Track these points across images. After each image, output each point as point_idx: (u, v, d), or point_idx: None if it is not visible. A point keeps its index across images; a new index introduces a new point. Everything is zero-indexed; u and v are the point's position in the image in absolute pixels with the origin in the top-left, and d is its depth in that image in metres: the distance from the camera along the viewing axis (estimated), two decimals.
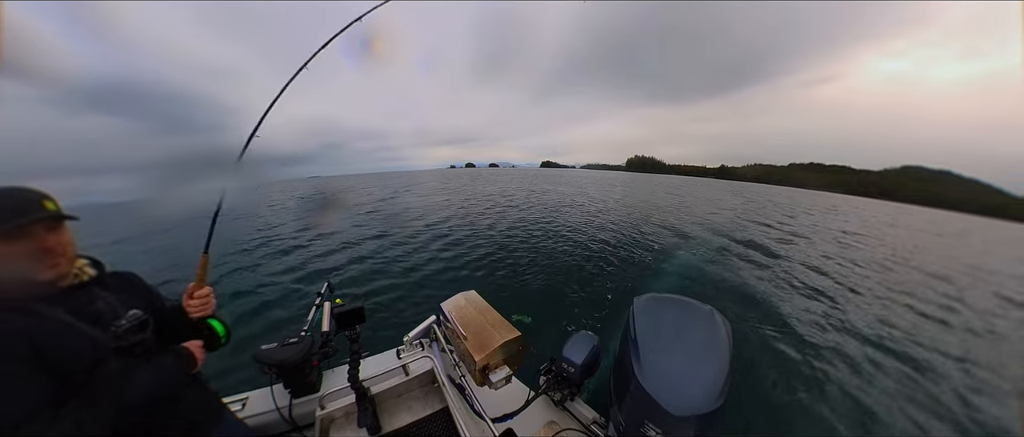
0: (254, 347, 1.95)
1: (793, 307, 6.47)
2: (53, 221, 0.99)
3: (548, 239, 10.79)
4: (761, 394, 3.95)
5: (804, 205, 36.36)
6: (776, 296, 6.98)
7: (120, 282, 1.24)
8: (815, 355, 4.77)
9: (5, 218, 0.90)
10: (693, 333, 1.55)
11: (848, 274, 9.24)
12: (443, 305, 2.14)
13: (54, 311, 0.98)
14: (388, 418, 1.87)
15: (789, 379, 4.22)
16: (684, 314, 1.67)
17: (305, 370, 1.98)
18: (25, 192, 0.96)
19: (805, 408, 3.77)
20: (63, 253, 1.02)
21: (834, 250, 12.36)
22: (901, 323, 6.28)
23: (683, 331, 1.56)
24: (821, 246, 12.88)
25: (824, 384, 4.16)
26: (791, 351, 4.83)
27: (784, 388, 4.06)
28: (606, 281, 7.28)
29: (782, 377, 4.24)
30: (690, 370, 1.38)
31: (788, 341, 5.11)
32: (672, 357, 1.44)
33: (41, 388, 0.89)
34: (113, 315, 1.08)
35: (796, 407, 3.79)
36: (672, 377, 1.36)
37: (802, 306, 6.57)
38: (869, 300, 7.36)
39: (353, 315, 1.65)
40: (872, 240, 15.94)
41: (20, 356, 0.87)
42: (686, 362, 1.42)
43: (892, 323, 6.21)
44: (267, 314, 5.90)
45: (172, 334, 1.25)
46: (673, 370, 1.39)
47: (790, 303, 6.67)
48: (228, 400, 1.97)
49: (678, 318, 1.64)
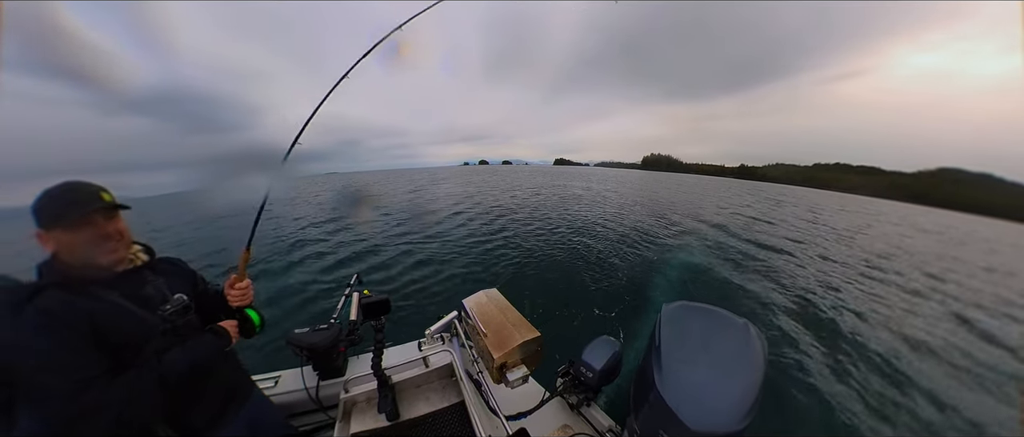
0: (288, 329, 2.09)
1: (874, 342, 5.46)
2: (110, 210, 1.10)
3: (571, 237, 10.66)
4: (795, 421, 3.66)
5: (871, 215, 31.89)
6: (851, 328, 5.90)
7: (168, 266, 1.36)
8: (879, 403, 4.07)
9: (70, 209, 1.02)
10: (722, 345, 1.45)
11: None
12: (465, 301, 2.18)
13: (110, 294, 1.09)
14: (406, 407, 1.93)
15: (834, 414, 3.81)
16: (715, 325, 1.57)
17: (333, 355, 2.08)
18: (85, 185, 1.07)
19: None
20: (120, 239, 1.13)
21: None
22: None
23: (711, 342, 1.47)
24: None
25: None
26: (841, 385, 4.27)
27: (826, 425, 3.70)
28: (627, 284, 7.09)
29: (824, 412, 3.83)
30: (714, 384, 1.30)
31: (842, 375, 4.50)
32: (696, 368, 1.37)
33: (98, 361, 1.00)
34: (161, 298, 1.20)
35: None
36: (694, 389, 1.29)
37: (884, 347, 5.40)
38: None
39: (379, 306, 1.71)
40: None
41: (82, 333, 0.99)
42: (711, 375, 1.33)
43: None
44: (298, 299, 6.24)
45: (212, 316, 1.36)
46: (696, 382, 1.32)
47: (871, 339, 5.59)
48: (263, 376, 2.11)
49: (707, 328, 1.55)
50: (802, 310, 6.46)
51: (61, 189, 1.02)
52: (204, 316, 1.33)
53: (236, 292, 1.37)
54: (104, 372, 1.00)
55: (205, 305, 1.38)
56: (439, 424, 1.81)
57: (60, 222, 1.01)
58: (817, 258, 10.88)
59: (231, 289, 1.37)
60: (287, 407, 2.02)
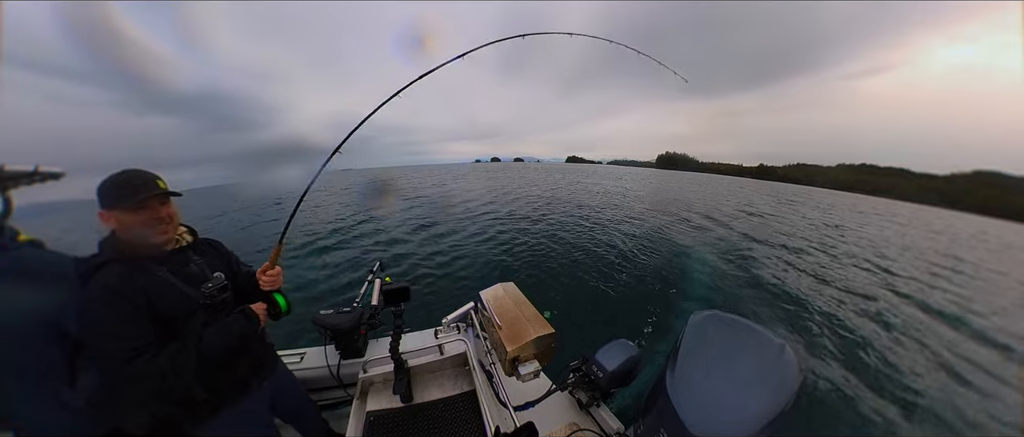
0: (314, 310, 2.21)
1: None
2: (164, 196, 1.22)
3: (593, 235, 10.51)
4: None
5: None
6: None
7: (209, 248, 1.49)
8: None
9: (131, 193, 1.13)
10: (748, 360, 1.37)
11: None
12: (482, 293, 2.21)
13: (160, 270, 1.22)
14: (420, 391, 2.00)
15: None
16: (744, 339, 1.48)
17: (354, 336, 2.18)
18: (144, 173, 1.19)
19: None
20: (171, 222, 1.26)
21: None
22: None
23: (736, 355, 1.40)
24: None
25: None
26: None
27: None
28: (658, 290, 6.77)
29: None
30: (728, 395, 1.25)
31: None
32: (711, 375, 1.32)
33: (149, 331, 1.12)
34: (202, 276, 1.31)
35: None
36: (703, 394, 1.26)
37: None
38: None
39: (399, 293, 1.78)
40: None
41: (138, 304, 1.11)
42: (726, 386, 1.28)
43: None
44: (326, 284, 6.53)
45: (245, 294, 1.48)
46: (707, 388, 1.28)
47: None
48: (290, 352, 2.24)
49: (735, 341, 1.47)
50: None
51: (124, 176, 1.15)
52: (238, 294, 1.45)
53: (268, 278, 1.48)
54: (153, 343, 1.12)
55: (239, 285, 1.50)
56: (450, 410, 1.86)
57: (121, 204, 1.13)
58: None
59: (263, 275, 1.49)
60: (310, 382, 2.14)
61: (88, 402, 1.19)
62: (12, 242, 1.21)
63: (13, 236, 1.23)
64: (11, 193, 1.69)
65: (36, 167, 1.67)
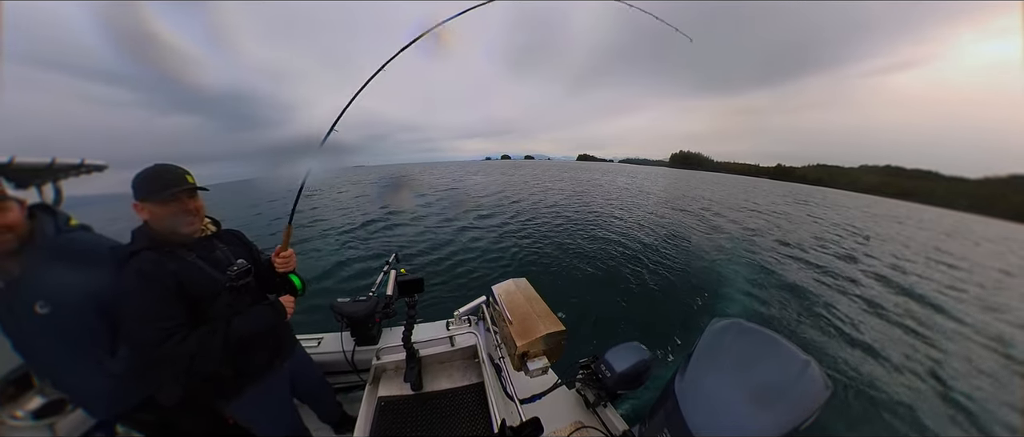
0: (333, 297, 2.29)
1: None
2: (193, 190, 1.30)
3: (609, 235, 10.41)
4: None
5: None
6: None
7: (231, 237, 1.59)
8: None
9: (163, 187, 1.22)
10: (766, 371, 1.31)
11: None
12: (494, 288, 2.24)
13: (190, 256, 1.31)
14: (430, 380, 2.05)
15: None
16: (766, 350, 1.41)
17: (369, 324, 2.25)
18: (175, 168, 1.27)
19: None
20: (198, 213, 1.34)
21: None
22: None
23: (754, 365, 1.34)
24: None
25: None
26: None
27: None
28: (681, 297, 6.54)
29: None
30: (739, 403, 1.21)
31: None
32: (722, 381, 1.29)
33: (180, 313, 1.21)
34: (227, 262, 1.40)
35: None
36: (711, 398, 1.24)
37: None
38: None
39: (414, 284, 1.82)
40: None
41: (170, 288, 1.20)
42: (738, 394, 1.24)
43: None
44: (342, 273, 6.72)
45: (264, 279, 1.58)
46: (717, 393, 1.25)
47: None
48: (308, 336, 2.34)
49: (755, 350, 1.41)
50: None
51: (156, 170, 1.23)
52: (259, 279, 1.54)
53: (281, 260, 1.57)
54: (184, 323, 1.21)
55: (259, 271, 1.58)
56: (458, 400, 1.91)
57: (153, 196, 1.21)
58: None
59: (277, 257, 1.57)
60: (325, 365, 2.23)
61: (125, 373, 1.30)
62: (65, 226, 1.32)
63: (66, 221, 1.34)
64: (62, 183, 1.83)
65: (82, 160, 1.81)
